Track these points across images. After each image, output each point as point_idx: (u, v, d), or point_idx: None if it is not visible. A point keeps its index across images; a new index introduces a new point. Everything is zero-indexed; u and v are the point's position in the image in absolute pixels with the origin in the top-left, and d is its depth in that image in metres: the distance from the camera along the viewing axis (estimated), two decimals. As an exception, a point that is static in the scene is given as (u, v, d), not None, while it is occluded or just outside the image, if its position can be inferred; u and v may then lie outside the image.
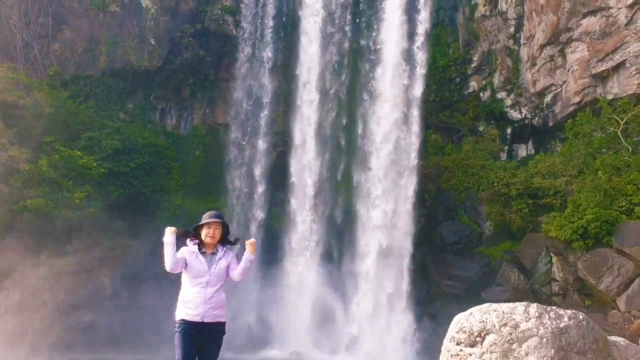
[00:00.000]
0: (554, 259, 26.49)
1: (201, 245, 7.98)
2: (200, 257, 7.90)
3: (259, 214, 32.99)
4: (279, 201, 33.46)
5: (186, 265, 7.91)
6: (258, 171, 33.41)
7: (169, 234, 7.88)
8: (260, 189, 33.08)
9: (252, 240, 8.16)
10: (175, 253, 7.86)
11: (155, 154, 32.31)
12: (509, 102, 31.99)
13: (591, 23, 28.16)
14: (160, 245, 7.99)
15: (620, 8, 27.25)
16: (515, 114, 32.05)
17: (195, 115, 35.86)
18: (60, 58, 32.94)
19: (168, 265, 7.87)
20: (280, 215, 32.91)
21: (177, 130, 35.49)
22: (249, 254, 8.03)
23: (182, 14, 34.26)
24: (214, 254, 7.98)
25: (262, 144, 33.91)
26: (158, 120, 35.12)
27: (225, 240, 8.12)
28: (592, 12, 28.11)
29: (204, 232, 7.96)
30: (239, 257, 8.18)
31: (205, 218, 8.04)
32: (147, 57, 33.93)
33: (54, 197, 27.29)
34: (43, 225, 26.68)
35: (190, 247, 8.00)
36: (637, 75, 27.24)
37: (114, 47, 33.43)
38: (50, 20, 32.62)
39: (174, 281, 8.77)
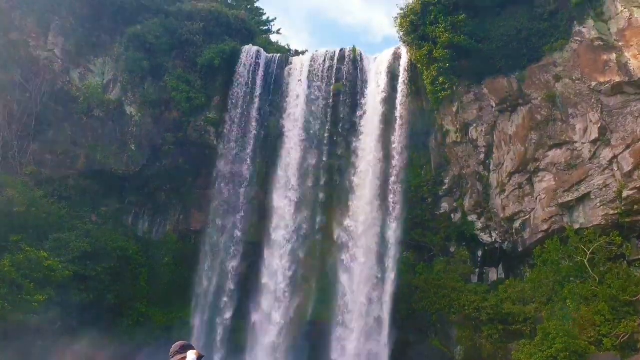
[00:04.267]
0: (525, 390, 25.80)
1: None
2: None
3: (225, 324, 32.15)
4: (245, 312, 32.69)
5: None
6: (228, 283, 32.95)
7: None
8: (228, 302, 32.52)
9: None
10: None
11: (123, 259, 31.80)
12: (479, 225, 32.58)
13: (557, 155, 29.50)
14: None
15: (584, 143, 28.71)
16: (485, 237, 32.54)
17: (168, 221, 35.77)
18: (39, 158, 33.17)
19: None
20: (244, 328, 32.04)
21: (149, 235, 35.21)
22: None
23: (166, 123, 35.06)
24: None
25: (235, 253, 33.69)
26: (130, 225, 34.92)
27: None
28: (558, 145, 29.53)
29: None
30: None
31: (177, 349, 7.81)
32: (126, 161, 34.30)
33: (12, 299, 26.30)
34: (-3, 328, 25.51)
35: None
36: (601, 207, 28.18)
37: (94, 151, 33.83)
38: (34, 121, 33.14)
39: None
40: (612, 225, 27.88)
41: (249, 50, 36.09)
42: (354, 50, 35.26)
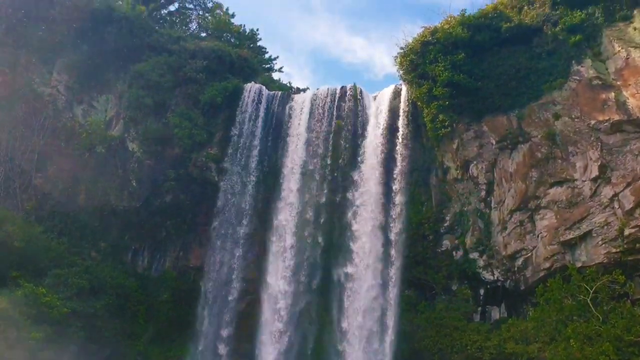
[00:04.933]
0: None
1: None
2: None
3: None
4: (245, 350, 32.24)
5: None
6: (227, 320, 32.57)
7: None
8: (227, 340, 32.11)
9: None
10: None
11: (122, 296, 31.58)
12: (481, 263, 32.31)
13: (558, 193, 29.47)
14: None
15: (585, 181, 28.71)
16: (487, 276, 32.23)
17: (168, 257, 35.61)
18: (40, 193, 33.29)
19: None
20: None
21: (148, 272, 35.00)
22: None
23: (167, 159, 35.23)
24: None
25: (233, 291, 33.40)
26: (129, 261, 34.77)
27: None
28: (559, 183, 29.53)
29: None
30: None
31: None
32: (127, 197, 34.37)
33: (7, 337, 25.96)
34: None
35: None
36: (603, 245, 27.97)
37: (94, 186, 33.93)
38: (36, 156, 33.36)
39: None
40: (615, 263, 27.60)
41: (251, 88, 36.52)
42: (354, 87, 35.62)
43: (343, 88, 35.77)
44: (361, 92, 35.65)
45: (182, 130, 34.76)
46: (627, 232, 27.28)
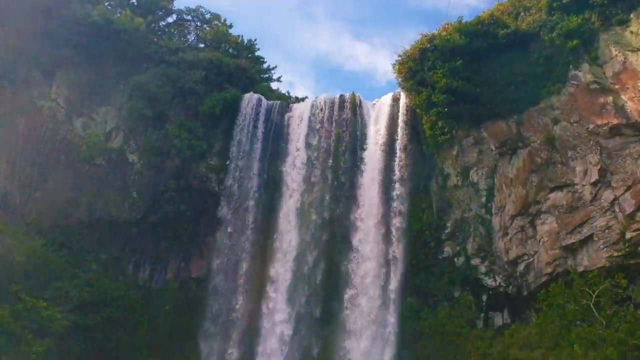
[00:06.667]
0: None
1: None
2: None
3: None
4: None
5: None
6: (232, 329, 32.45)
7: None
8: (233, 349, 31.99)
9: None
10: None
11: (123, 308, 31.50)
12: (483, 269, 32.21)
13: (558, 197, 29.46)
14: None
15: (585, 185, 28.71)
16: (490, 282, 32.13)
17: (169, 269, 35.54)
18: (41, 207, 33.19)
19: None
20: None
21: (149, 283, 34.90)
22: None
23: (167, 170, 35.26)
24: None
25: (239, 300, 33.29)
26: (130, 273, 34.68)
27: None
28: (559, 188, 29.52)
29: None
30: None
31: None
32: (127, 209, 34.34)
33: (10, 350, 25.88)
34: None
35: None
36: (605, 249, 27.92)
37: (95, 199, 33.90)
38: (36, 170, 33.35)
39: None
40: (617, 267, 27.53)
41: (250, 98, 36.62)
42: (353, 96, 35.72)
43: (342, 97, 35.88)
44: (360, 100, 35.75)
45: (182, 141, 34.83)
46: (628, 235, 27.25)
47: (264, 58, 46.79)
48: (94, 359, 29.30)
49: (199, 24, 45.70)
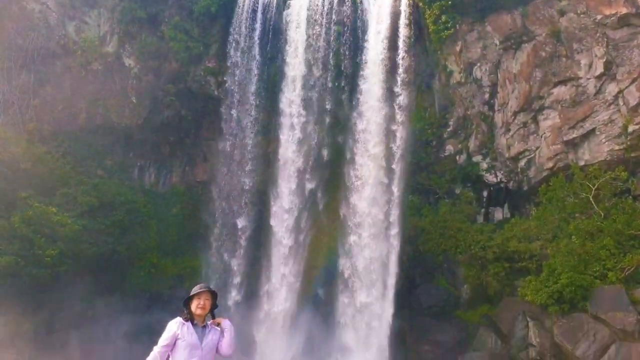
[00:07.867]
0: (530, 324, 26.34)
1: (192, 318, 7.98)
2: (192, 330, 7.87)
3: (237, 278, 32.62)
4: (257, 264, 33.08)
5: (176, 340, 7.82)
6: (239, 233, 33.22)
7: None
8: (240, 254, 32.90)
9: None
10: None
11: (131, 212, 32.02)
12: (484, 165, 32.50)
13: (562, 92, 29.14)
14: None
15: (589, 78, 28.32)
16: (490, 178, 32.53)
17: (174, 173, 35.85)
18: (40, 114, 32.96)
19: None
20: (257, 275, 32.56)
21: (156, 187, 35.36)
22: (226, 322, 8.13)
23: (165, 74, 34.61)
24: (204, 327, 8.00)
25: (243, 203, 33.85)
26: (136, 178, 35.02)
27: (213, 308, 8.14)
28: (563, 82, 29.13)
29: (194, 304, 7.97)
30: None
31: (196, 289, 8.06)
32: (128, 114, 34.10)
33: (25, 254, 26.69)
34: (12, 283, 25.99)
35: (181, 320, 7.96)
36: (607, 143, 28.03)
37: (94, 105, 33.59)
38: (32, 76, 32.82)
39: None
40: (618, 160, 27.79)
41: (246, -5, 35.22)
42: (353, -11, 34.33)
43: (341, -10, 34.47)
44: (360, -7, 34.38)
45: (178, 44, 33.96)
46: (631, 128, 27.26)
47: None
48: (107, 262, 30.16)
49: None
